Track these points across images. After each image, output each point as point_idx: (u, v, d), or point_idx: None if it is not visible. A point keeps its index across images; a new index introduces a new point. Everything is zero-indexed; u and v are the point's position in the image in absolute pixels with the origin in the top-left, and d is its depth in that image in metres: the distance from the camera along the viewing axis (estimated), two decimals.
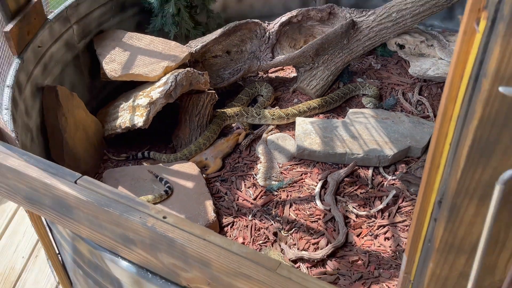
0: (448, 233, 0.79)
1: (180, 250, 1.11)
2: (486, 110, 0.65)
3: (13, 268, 2.04)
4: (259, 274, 1.04)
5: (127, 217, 1.14)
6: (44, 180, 1.23)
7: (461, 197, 0.74)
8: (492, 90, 0.63)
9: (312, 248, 1.90)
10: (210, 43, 2.38)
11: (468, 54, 0.67)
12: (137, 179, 2.11)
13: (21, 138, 1.75)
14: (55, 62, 2.16)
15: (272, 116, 2.34)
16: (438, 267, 0.84)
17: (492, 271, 0.83)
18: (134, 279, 1.29)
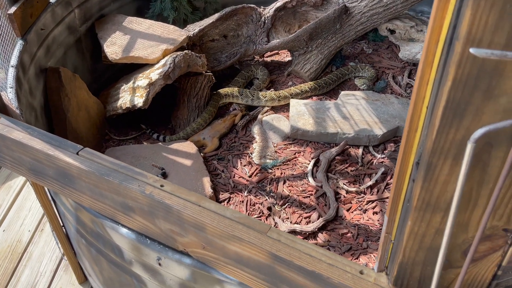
0: (424, 192, 0.85)
1: (177, 216, 1.18)
2: (458, 72, 0.71)
3: (20, 241, 2.11)
4: (250, 237, 1.11)
5: (126, 185, 1.21)
6: (47, 151, 1.29)
7: (437, 156, 0.80)
8: (464, 52, 0.69)
9: (304, 222, 1.97)
10: (207, 27, 2.43)
11: (443, 19, 0.72)
12: (138, 157, 2.17)
13: (26, 116, 1.81)
14: (58, 44, 2.21)
15: (265, 98, 2.40)
16: (416, 225, 0.90)
17: (465, 228, 0.89)
18: (134, 245, 1.36)
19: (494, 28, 0.66)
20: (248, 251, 1.13)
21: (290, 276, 1.10)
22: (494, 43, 0.67)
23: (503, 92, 0.71)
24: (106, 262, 1.56)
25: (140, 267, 1.43)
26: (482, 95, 0.72)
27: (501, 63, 0.69)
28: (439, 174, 0.82)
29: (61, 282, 1.94)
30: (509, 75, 0.70)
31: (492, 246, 0.91)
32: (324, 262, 1.07)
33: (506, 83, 0.71)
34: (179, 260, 1.29)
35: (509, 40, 0.67)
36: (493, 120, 0.74)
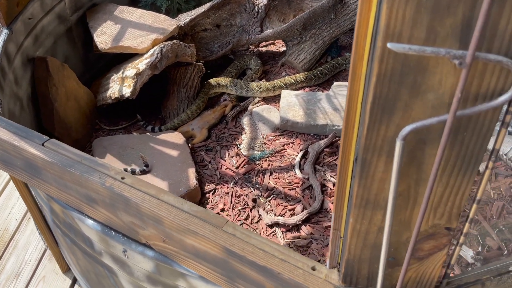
0: (362, 189, 0.83)
1: (136, 209, 1.18)
2: (382, 67, 0.69)
3: (6, 230, 2.14)
4: (205, 231, 1.10)
5: (88, 177, 1.21)
6: (13, 142, 1.29)
7: (370, 153, 0.78)
8: (385, 47, 0.66)
9: (288, 214, 1.95)
10: (199, 16, 2.42)
11: (369, 12, 0.70)
12: (125, 147, 2.17)
13: (8, 106, 1.82)
14: (47, 34, 2.22)
15: (255, 88, 2.38)
16: (358, 222, 0.88)
17: (407, 226, 0.87)
18: (101, 237, 1.36)
19: (412, 22, 0.63)
20: (204, 245, 1.12)
21: (244, 271, 1.10)
22: (414, 37, 0.65)
23: (429, 88, 0.69)
24: (80, 252, 1.57)
25: (110, 258, 1.43)
26: (409, 91, 0.70)
27: (424, 58, 0.67)
28: (374, 172, 0.80)
29: (45, 270, 1.97)
30: (434, 71, 0.67)
31: (437, 244, 0.89)
32: (277, 257, 1.06)
33: (431, 79, 0.68)
34: (143, 252, 1.29)
35: (429, 35, 0.64)
36: (423, 116, 0.72)
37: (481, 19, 0.57)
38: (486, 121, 0.71)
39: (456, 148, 0.75)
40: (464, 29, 0.63)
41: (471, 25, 0.62)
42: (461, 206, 0.82)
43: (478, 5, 0.61)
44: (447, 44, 0.65)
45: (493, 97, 0.68)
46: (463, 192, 0.80)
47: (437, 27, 0.63)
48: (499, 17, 0.61)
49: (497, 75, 0.66)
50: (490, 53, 0.64)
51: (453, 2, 0.61)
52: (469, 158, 0.75)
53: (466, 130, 0.72)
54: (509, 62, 0.63)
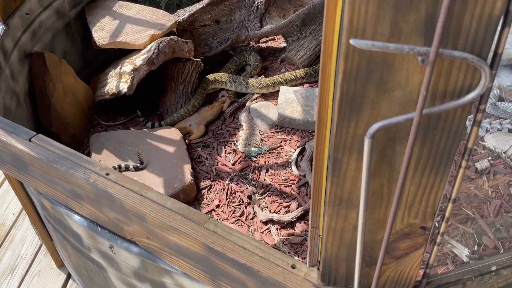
0: (335, 187, 0.82)
1: (119, 205, 1.18)
2: (348, 64, 0.68)
3: (3, 224, 2.16)
4: (187, 228, 1.10)
5: (72, 173, 1.21)
6: (0, 137, 1.30)
7: (341, 151, 0.77)
8: (349, 43, 0.65)
9: (283, 211, 1.95)
10: (197, 12, 2.41)
11: (336, 7, 0.69)
12: (122, 143, 2.18)
13: (4, 101, 1.83)
14: (45, 29, 2.23)
15: (253, 84, 2.37)
16: (332, 221, 0.87)
17: (383, 225, 0.86)
18: (88, 233, 1.36)
19: (375, 18, 0.62)
20: (185, 242, 1.12)
21: (225, 268, 1.09)
22: (379, 34, 0.64)
23: (396, 86, 0.68)
24: (70, 248, 1.58)
25: (98, 254, 1.44)
26: (375, 89, 0.69)
27: (390, 55, 0.65)
28: (346, 170, 0.79)
29: (41, 265, 1.98)
30: (400, 68, 0.66)
31: (413, 244, 0.87)
32: (257, 255, 1.05)
33: (398, 76, 0.67)
34: (128, 248, 1.29)
35: (394, 31, 0.63)
36: (391, 114, 0.71)
37: (442, 15, 0.56)
38: (455, 119, 0.70)
39: (427, 147, 0.73)
40: (428, 25, 0.61)
41: (434, 21, 0.61)
42: (436, 205, 0.81)
43: (440, 1, 0.59)
44: (412, 41, 0.63)
45: (461, 95, 0.67)
46: (436, 191, 0.79)
47: (401, 23, 0.62)
48: (463, 13, 0.60)
49: (464, 72, 0.65)
50: (455, 50, 0.62)
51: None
52: (441, 157, 0.74)
53: (436, 129, 0.71)
54: (475, 59, 0.62)
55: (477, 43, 0.62)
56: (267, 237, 1.89)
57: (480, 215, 1.93)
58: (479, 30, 0.60)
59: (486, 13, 0.59)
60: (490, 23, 0.60)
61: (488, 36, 0.61)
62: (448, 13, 0.60)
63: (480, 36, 0.61)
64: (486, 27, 0.60)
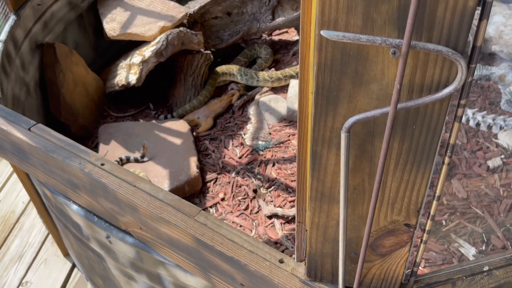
0: (316, 181, 0.81)
1: (113, 196, 1.18)
2: (321, 56, 0.66)
3: (13, 212, 2.19)
4: (177, 220, 1.10)
5: (68, 163, 1.22)
6: (1, 126, 1.32)
7: (320, 145, 0.76)
8: (322, 35, 0.64)
9: (288, 206, 1.93)
10: (209, 4, 2.40)
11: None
12: (130, 134, 2.19)
13: (13, 91, 1.86)
14: (57, 20, 2.25)
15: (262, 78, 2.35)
16: (315, 216, 0.86)
17: (366, 221, 0.84)
18: (86, 223, 1.37)
19: (347, 9, 0.61)
20: (176, 233, 1.12)
21: (214, 260, 1.09)
22: (351, 25, 0.62)
23: (372, 79, 0.66)
24: (72, 237, 1.59)
25: (97, 244, 1.45)
26: (351, 81, 0.67)
27: (364, 47, 0.64)
28: (326, 164, 0.78)
29: (47, 253, 2.01)
30: (375, 60, 0.65)
31: (398, 241, 0.85)
32: (245, 248, 1.04)
33: (373, 68, 0.65)
34: (123, 239, 1.29)
35: (366, 22, 0.61)
36: (369, 108, 0.69)
37: (413, 6, 0.54)
38: (434, 114, 0.68)
39: (407, 142, 0.71)
40: (401, 16, 0.60)
41: (407, 12, 0.59)
42: (419, 202, 0.79)
43: None
44: (385, 33, 0.62)
45: (439, 89, 0.65)
46: (419, 188, 0.77)
47: (374, 14, 0.60)
48: (436, 4, 0.58)
49: (441, 65, 0.63)
50: (429, 43, 0.60)
51: None
52: (421, 152, 0.72)
53: (415, 124, 0.69)
54: (450, 52, 0.60)
55: (452, 35, 0.59)
56: (271, 231, 1.88)
57: (490, 214, 1.89)
58: (453, 22, 0.58)
59: (460, 4, 0.57)
60: (465, 14, 0.58)
61: (463, 28, 0.59)
62: (421, 4, 0.58)
63: (454, 28, 0.59)
64: (461, 19, 0.58)
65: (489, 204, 1.91)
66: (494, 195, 1.94)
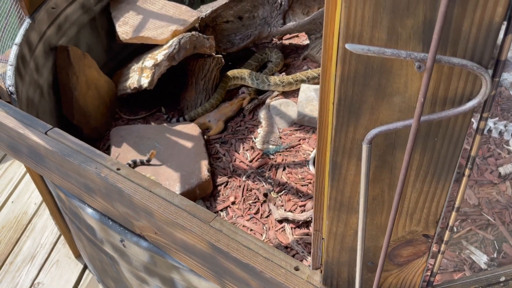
0: (335, 191, 0.81)
1: (128, 200, 1.19)
2: (345, 69, 0.67)
3: (25, 213, 2.21)
4: (193, 225, 1.10)
5: (85, 167, 1.23)
6: (18, 130, 1.33)
7: (340, 156, 0.76)
8: (346, 47, 0.64)
9: (299, 210, 1.94)
10: (220, 8, 2.41)
11: (335, 10, 0.68)
12: (141, 137, 2.20)
13: (27, 93, 1.87)
14: (70, 23, 2.26)
15: (273, 82, 2.36)
16: (333, 225, 0.86)
17: (385, 231, 0.85)
18: (100, 226, 1.38)
19: (372, 23, 0.61)
20: (191, 239, 1.12)
21: (229, 267, 1.09)
22: (376, 38, 0.62)
23: (395, 91, 0.67)
24: (85, 239, 1.60)
25: (110, 247, 1.46)
26: (374, 94, 0.68)
27: (388, 61, 0.64)
28: (346, 174, 0.78)
29: (59, 254, 2.03)
30: (399, 73, 0.65)
31: (415, 251, 0.86)
32: (261, 255, 1.05)
33: (396, 81, 0.66)
34: (138, 243, 1.30)
35: (391, 36, 0.62)
36: (391, 120, 0.70)
37: (439, 20, 0.54)
38: (456, 127, 0.68)
39: (428, 154, 0.72)
40: (426, 30, 0.60)
41: (433, 27, 0.59)
42: (438, 213, 0.79)
43: (438, 6, 0.58)
44: (410, 46, 0.62)
45: (462, 102, 0.65)
46: (438, 199, 0.77)
47: (399, 28, 0.61)
48: (462, 19, 0.58)
49: (465, 79, 0.63)
50: (454, 57, 0.61)
51: (412, 2, 0.58)
52: (442, 164, 0.72)
53: (436, 136, 0.69)
54: (475, 66, 0.60)
55: (477, 50, 0.60)
56: (281, 236, 1.89)
57: (502, 221, 1.88)
58: (479, 37, 0.59)
59: (486, 20, 0.57)
60: (491, 30, 0.58)
61: (489, 43, 0.59)
62: (447, 19, 0.58)
63: (480, 43, 0.59)
64: (487, 34, 0.58)
65: (501, 211, 1.91)
66: (505, 202, 1.94)
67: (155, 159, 2.05)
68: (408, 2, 0.58)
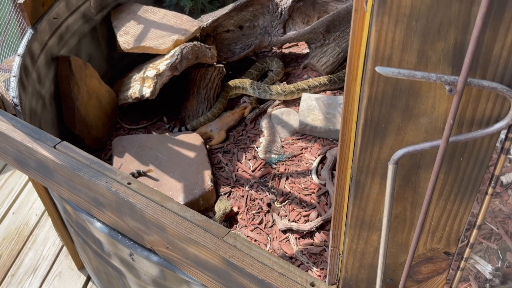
0: (357, 209, 0.81)
1: (140, 215, 1.18)
2: (373, 90, 0.67)
3: (27, 224, 2.19)
4: (206, 241, 1.10)
5: (95, 181, 1.22)
6: (26, 143, 1.32)
7: (364, 175, 0.76)
8: (374, 70, 0.64)
9: (303, 220, 1.94)
10: (221, 17, 2.41)
11: (362, 32, 0.68)
12: (143, 147, 2.19)
13: (30, 104, 1.86)
14: (72, 33, 2.25)
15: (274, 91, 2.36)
16: (354, 242, 0.86)
17: (405, 248, 0.85)
18: (109, 240, 1.38)
19: (402, 46, 0.61)
20: (204, 254, 1.12)
21: (244, 282, 1.09)
22: (405, 61, 0.63)
23: (422, 112, 0.67)
24: (91, 252, 1.59)
25: (118, 260, 1.45)
26: (401, 115, 0.68)
27: (416, 82, 0.64)
28: (369, 193, 0.78)
29: (62, 266, 2.01)
30: (427, 95, 0.65)
31: (435, 268, 0.86)
32: (276, 271, 1.05)
33: (424, 103, 0.66)
34: (148, 257, 1.29)
35: (421, 59, 0.62)
36: (416, 140, 0.70)
37: (472, 44, 0.54)
38: (482, 147, 0.68)
39: (453, 174, 0.72)
40: (456, 54, 0.60)
41: (463, 50, 0.60)
42: (460, 231, 0.79)
43: (470, 30, 0.58)
44: (439, 69, 0.62)
45: (489, 124, 0.65)
46: (461, 217, 0.77)
47: (429, 51, 0.61)
48: (492, 42, 0.58)
49: (493, 101, 0.63)
50: (484, 80, 0.61)
51: (444, 26, 0.58)
52: (466, 184, 0.73)
53: (462, 156, 0.70)
54: (504, 89, 0.61)
55: (507, 73, 0.60)
56: (286, 246, 1.89)
57: (505, 230, 1.89)
58: (510, 60, 0.59)
59: None
60: None
61: None
62: (478, 43, 0.58)
63: (510, 66, 0.60)
64: None
65: (504, 220, 1.92)
66: (508, 211, 1.95)
67: (155, 172, 2.04)
68: (440, 26, 0.58)
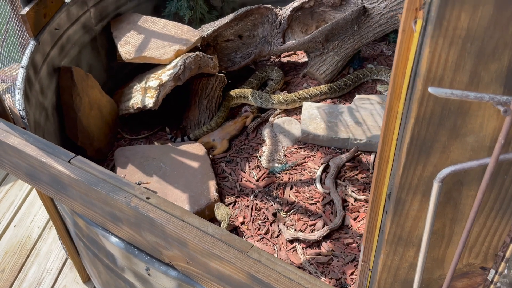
0: (395, 226, 0.82)
1: (160, 230, 1.17)
2: (421, 110, 0.67)
3: (29, 237, 2.16)
4: (230, 256, 1.09)
5: (113, 196, 1.21)
6: (40, 158, 1.30)
7: (405, 192, 0.77)
8: (425, 90, 0.65)
9: (309, 230, 1.94)
10: (222, 27, 2.41)
11: (408, 52, 0.69)
12: (146, 157, 2.18)
13: (34, 116, 1.84)
14: (72, 44, 2.23)
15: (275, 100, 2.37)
16: (389, 258, 0.87)
17: (441, 264, 0.85)
18: (124, 254, 1.36)
19: (455, 66, 0.62)
20: (228, 269, 1.11)
21: None
22: (457, 81, 0.63)
23: (469, 131, 0.67)
24: (102, 266, 1.57)
25: (132, 275, 1.43)
26: (448, 133, 0.68)
27: (466, 103, 0.65)
28: (409, 210, 0.79)
29: (66, 280, 1.98)
30: (476, 114, 0.66)
31: (470, 283, 0.87)
32: (303, 286, 1.04)
33: (472, 122, 0.67)
34: (166, 272, 1.28)
35: (473, 79, 0.63)
36: (461, 158, 0.70)
37: None
38: None
39: (495, 191, 0.73)
40: (509, 74, 0.61)
41: None
42: (498, 247, 0.80)
43: None
44: (490, 89, 0.63)
45: None
46: (500, 233, 0.78)
47: (481, 72, 0.62)
48: None
49: None
50: None
51: (499, 48, 0.59)
52: (509, 201, 0.73)
53: (507, 173, 0.71)
54: None
55: None
56: (293, 256, 1.88)
57: None
58: None
59: None
60: None
61: None
62: None
63: None
64: None
65: None
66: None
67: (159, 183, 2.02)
68: (495, 48, 0.59)
